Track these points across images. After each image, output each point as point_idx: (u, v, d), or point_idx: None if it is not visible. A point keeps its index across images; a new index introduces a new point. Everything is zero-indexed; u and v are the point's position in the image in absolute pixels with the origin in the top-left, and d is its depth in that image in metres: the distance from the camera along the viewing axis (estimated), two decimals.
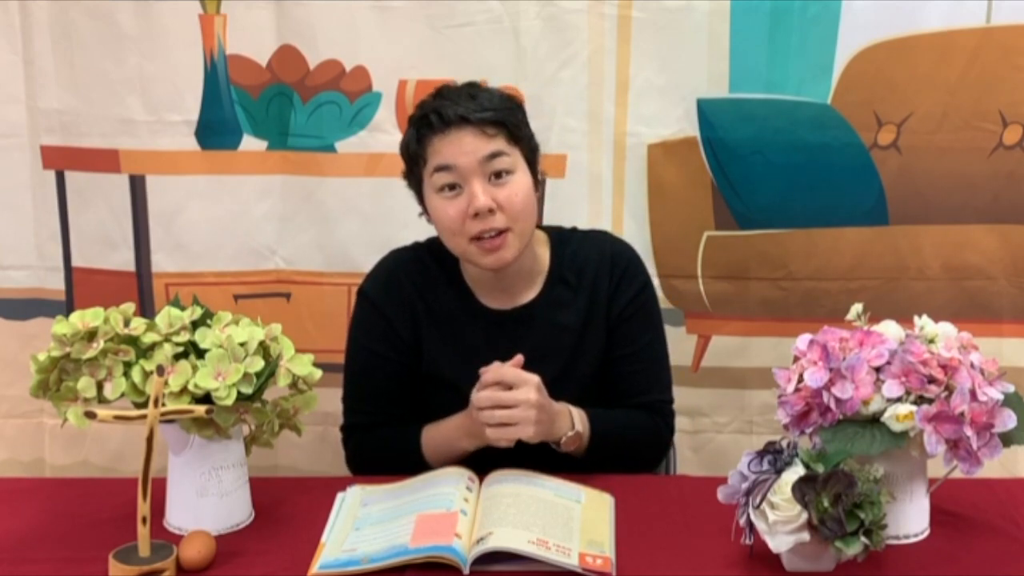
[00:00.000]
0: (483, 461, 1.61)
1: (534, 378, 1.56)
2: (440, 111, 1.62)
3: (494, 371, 1.57)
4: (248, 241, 2.24)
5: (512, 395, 1.54)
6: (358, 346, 1.78)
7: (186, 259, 2.25)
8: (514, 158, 1.65)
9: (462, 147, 1.61)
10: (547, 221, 1.96)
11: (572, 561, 1.35)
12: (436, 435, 1.70)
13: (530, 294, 1.76)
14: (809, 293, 2.21)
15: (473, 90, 1.67)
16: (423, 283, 1.76)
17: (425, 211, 1.72)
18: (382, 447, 1.74)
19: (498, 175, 1.63)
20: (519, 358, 1.58)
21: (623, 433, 1.70)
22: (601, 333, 1.76)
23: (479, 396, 1.56)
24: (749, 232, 2.20)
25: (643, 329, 1.77)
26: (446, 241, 1.69)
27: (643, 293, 1.78)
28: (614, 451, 1.67)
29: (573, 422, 1.64)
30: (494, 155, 1.62)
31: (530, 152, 1.69)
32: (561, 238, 1.80)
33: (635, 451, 1.72)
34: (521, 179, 1.65)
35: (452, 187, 1.63)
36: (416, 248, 1.82)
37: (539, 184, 1.72)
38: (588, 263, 1.77)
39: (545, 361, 1.71)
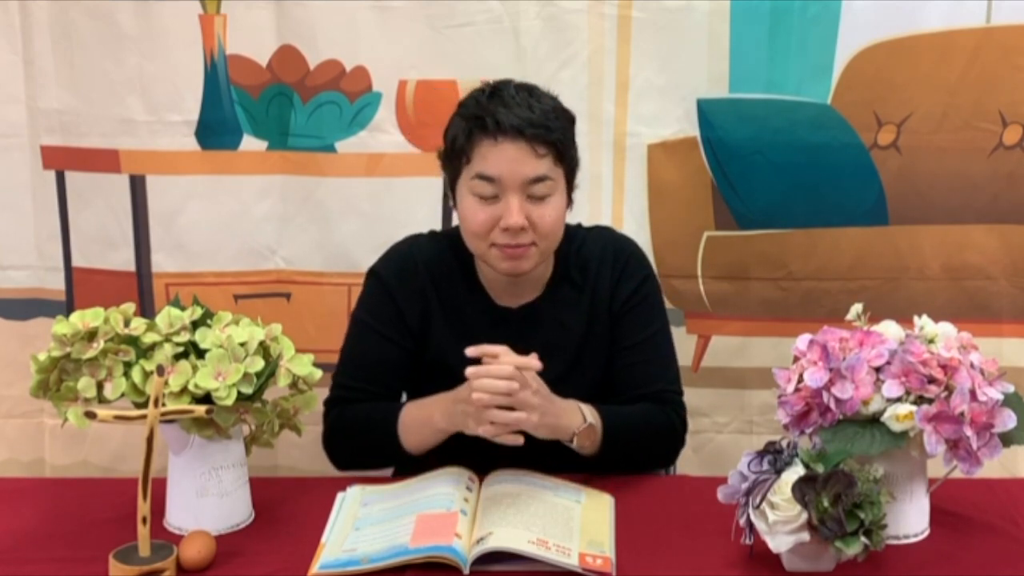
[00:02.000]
0: (486, 460, 1.61)
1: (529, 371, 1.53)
2: (498, 117, 1.59)
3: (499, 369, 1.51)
4: (248, 241, 2.24)
5: (508, 383, 1.50)
6: (361, 324, 1.76)
7: (186, 259, 2.24)
8: (556, 180, 1.64)
9: (510, 162, 1.60)
10: None
11: (572, 561, 1.35)
12: (417, 413, 1.66)
13: (536, 292, 1.76)
14: (809, 293, 2.21)
15: (532, 99, 1.63)
16: (438, 271, 1.75)
17: (453, 198, 1.70)
18: (359, 419, 1.70)
19: (536, 194, 1.62)
20: (535, 361, 1.53)
21: (636, 425, 1.68)
22: (606, 329, 1.76)
23: (480, 383, 1.50)
24: (749, 232, 2.20)
25: (647, 321, 1.77)
26: (467, 239, 1.68)
27: (645, 285, 1.77)
28: (629, 445, 1.65)
29: (584, 416, 1.61)
30: (538, 179, 1.61)
31: (570, 171, 1.68)
32: (567, 236, 1.79)
33: (649, 444, 1.70)
34: (557, 201, 1.64)
35: (488, 195, 1.62)
36: (435, 236, 1.81)
37: (571, 201, 1.71)
38: (591, 260, 1.77)
39: (552, 358, 1.71)
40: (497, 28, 2.14)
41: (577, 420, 1.61)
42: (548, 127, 1.61)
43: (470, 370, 1.52)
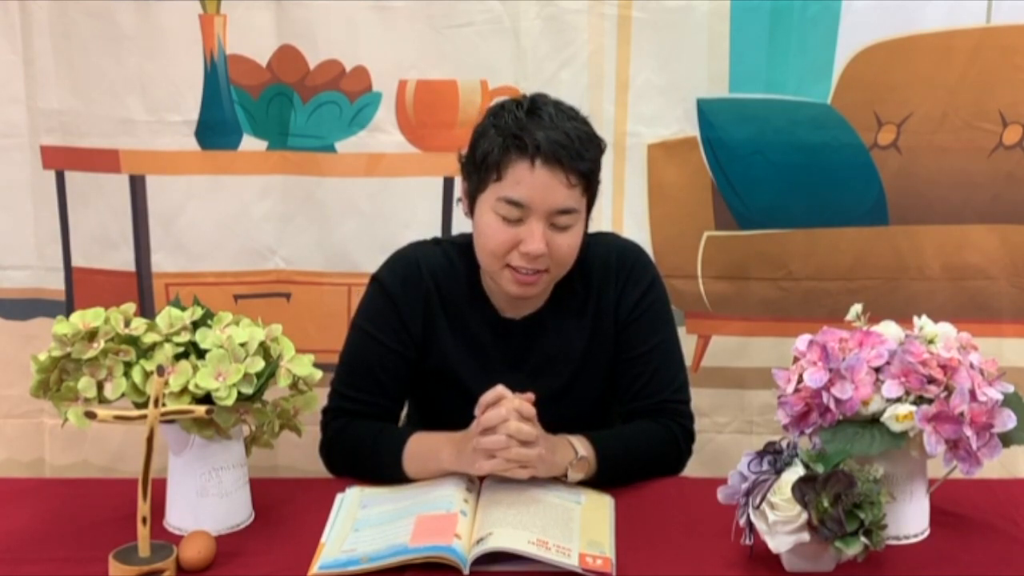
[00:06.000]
0: None
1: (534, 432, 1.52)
2: (537, 139, 1.57)
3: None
4: (248, 241, 2.24)
5: (526, 451, 1.50)
6: (362, 333, 1.74)
7: (186, 259, 2.25)
8: (579, 212, 1.63)
9: (542, 189, 1.58)
10: None
11: (572, 561, 1.35)
12: (424, 445, 1.63)
13: (539, 303, 1.74)
14: (809, 293, 2.21)
15: (568, 123, 1.60)
16: (442, 279, 1.73)
17: (469, 206, 1.68)
18: (363, 439, 1.67)
19: (559, 224, 1.61)
20: (529, 407, 1.53)
21: (632, 449, 1.66)
22: (610, 338, 1.74)
23: (495, 439, 1.50)
24: (749, 232, 2.20)
25: (652, 330, 1.75)
26: (481, 255, 1.67)
27: (650, 293, 1.75)
28: (627, 470, 1.63)
29: (575, 449, 1.59)
30: (565, 211, 1.60)
31: (591, 203, 1.67)
32: None
33: (649, 464, 1.67)
34: (577, 231, 1.64)
35: (513, 218, 1.61)
36: (439, 244, 1.79)
37: (586, 230, 1.70)
38: (594, 269, 1.75)
39: (555, 369, 1.71)
40: (497, 28, 2.14)
41: (569, 455, 1.58)
42: (583, 156, 1.60)
43: (484, 417, 1.51)
